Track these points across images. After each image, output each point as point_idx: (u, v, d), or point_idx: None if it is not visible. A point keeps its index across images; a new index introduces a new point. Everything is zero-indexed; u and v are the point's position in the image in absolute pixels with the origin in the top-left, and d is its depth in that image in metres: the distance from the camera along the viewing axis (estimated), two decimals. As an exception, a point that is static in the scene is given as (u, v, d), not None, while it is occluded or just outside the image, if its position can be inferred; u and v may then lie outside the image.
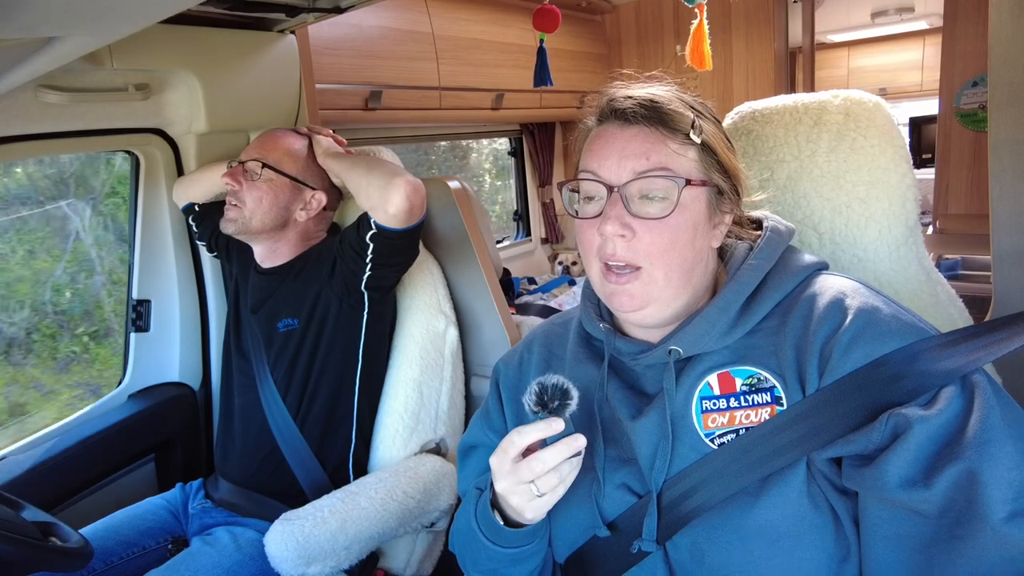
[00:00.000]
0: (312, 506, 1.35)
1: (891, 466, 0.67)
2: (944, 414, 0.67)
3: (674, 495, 0.78)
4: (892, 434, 0.68)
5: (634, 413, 0.84)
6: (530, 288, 3.29)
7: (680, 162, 0.78)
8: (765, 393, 0.77)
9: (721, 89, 3.33)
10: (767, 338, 0.79)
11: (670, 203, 0.77)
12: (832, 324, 0.74)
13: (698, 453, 0.78)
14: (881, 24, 4.56)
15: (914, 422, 0.67)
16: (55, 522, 1.12)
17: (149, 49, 1.47)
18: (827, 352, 0.73)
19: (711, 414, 0.78)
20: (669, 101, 0.79)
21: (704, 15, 1.44)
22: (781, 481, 0.73)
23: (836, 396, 0.72)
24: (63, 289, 2.08)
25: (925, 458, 0.66)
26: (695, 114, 0.80)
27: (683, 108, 0.79)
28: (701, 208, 0.79)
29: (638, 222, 0.77)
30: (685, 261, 0.79)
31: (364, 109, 2.27)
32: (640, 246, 0.77)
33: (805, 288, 0.80)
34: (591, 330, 0.92)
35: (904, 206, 0.96)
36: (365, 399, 1.57)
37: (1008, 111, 0.97)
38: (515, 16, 2.87)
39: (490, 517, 0.83)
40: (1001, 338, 0.71)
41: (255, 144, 1.54)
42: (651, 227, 0.77)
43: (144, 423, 1.70)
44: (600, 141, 0.81)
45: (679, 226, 0.77)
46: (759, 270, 0.81)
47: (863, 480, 0.69)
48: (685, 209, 0.77)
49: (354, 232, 1.46)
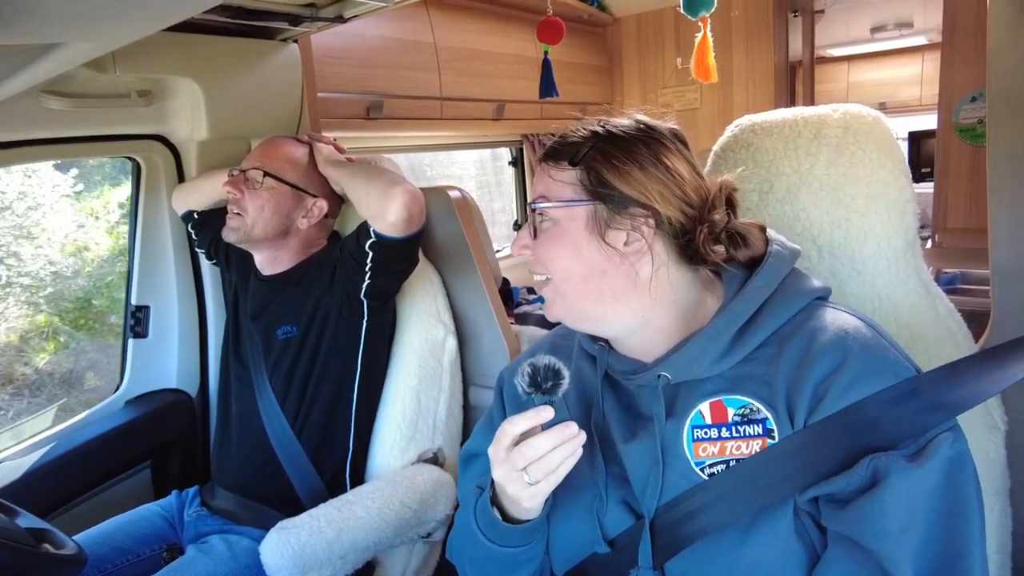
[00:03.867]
0: (308, 515, 1.34)
1: (863, 512, 0.68)
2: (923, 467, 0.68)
3: (668, 522, 0.78)
4: (871, 479, 0.69)
5: (627, 436, 0.84)
6: (529, 298, 3.28)
7: (554, 187, 0.85)
8: (757, 425, 0.76)
9: (721, 101, 3.35)
10: (761, 367, 0.78)
11: (550, 221, 0.85)
12: (830, 363, 0.73)
13: (689, 482, 0.78)
14: (880, 39, 4.59)
15: (892, 471, 0.68)
16: (49, 528, 1.11)
17: (152, 56, 1.48)
18: (821, 391, 0.73)
19: (702, 443, 0.78)
20: (573, 133, 0.87)
21: (708, 28, 1.45)
22: (771, 517, 0.73)
23: (822, 434, 0.72)
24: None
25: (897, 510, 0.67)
26: (602, 138, 0.84)
27: (583, 136, 0.85)
28: (578, 225, 0.83)
29: (533, 241, 0.87)
30: (573, 273, 0.83)
31: (365, 118, 2.28)
32: (535, 257, 0.87)
33: (806, 319, 0.79)
34: (586, 346, 0.93)
35: (903, 220, 0.96)
36: (363, 407, 1.56)
37: (1007, 126, 0.98)
38: (517, 27, 2.89)
39: (489, 513, 0.83)
40: (984, 379, 0.72)
41: (256, 152, 1.54)
42: (536, 244, 0.86)
43: (141, 429, 1.69)
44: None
45: (553, 242, 0.84)
46: (754, 299, 0.80)
47: (837, 520, 0.70)
48: (558, 226, 0.84)
49: (353, 240, 1.46)
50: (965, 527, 0.67)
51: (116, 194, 2.17)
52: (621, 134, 0.84)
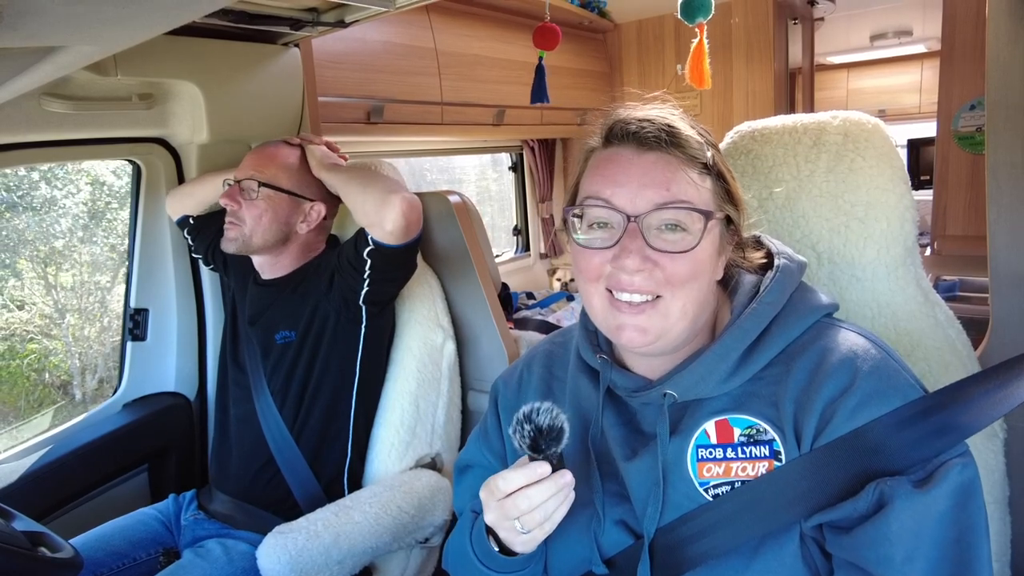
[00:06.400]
0: (306, 519, 1.34)
1: (867, 538, 0.66)
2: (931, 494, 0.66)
3: (668, 543, 0.76)
4: (877, 504, 0.67)
5: (628, 454, 0.81)
6: (528, 303, 3.29)
7: (699, 193, 0.74)
8: (763, 446, 0.74)
9: (721, 108, 3.36)
10: (769, 387, 0.75)
11: (693, 236, 0.73)
12: (838, 385, 0.71)
13: (692, 502, 0.76)
14: (880, 47, 4.61)
15: (898, 496, 0.65)
16: (45, 532, 1.10)
17: (154, 59, 1.48)
18: (828, 413, 0.70)
19: (707, 463, 0.75)
20: (684, 127, 0.76)
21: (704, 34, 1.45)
22: (776, 543, 0.71)
23: (829, 458, 0.70)
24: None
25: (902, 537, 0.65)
26: (707, 142, 0.77)
27: (697, 135, 0.76)
28: (715, 240, 0.76)
29: (659, 255, 0.73)
30: (701, 294, 0.76)
31: (366, 123, 2.28)
32: (662, 275, 0.73)
33: (815, 337, 0.76)
34: (588, 360, 0.88)
35: (902, 227, 0.96)
36: (361, 412, 1.56)
37: (1005, 134, 0.98)
38: (518, 33, 2.90)
39: (485, 543, 0.81)
40: (991, 399, 0.70)
41: (248, 161, 1.53)
42: (675, 259, 0.73)
43: (138, 433, 1.69)
44: (613, 166, 0.76)
45: (702, 259, 0.74)
46: (764, 316, 0.77)
47: (841, 546, 0.69)
48: (706, 241, 0.74)
49: (352, 248, 1.46)
50: (974, 557, 0.65)
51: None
52: (714, 139, 0.80)
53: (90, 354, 2.37)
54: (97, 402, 1.77)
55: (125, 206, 1.86)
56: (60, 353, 2.31)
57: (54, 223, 2.25)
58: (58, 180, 2.24)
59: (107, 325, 2.39)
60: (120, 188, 2.29)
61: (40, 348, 2.27)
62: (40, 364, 2.27)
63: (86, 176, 2.28)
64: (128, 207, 1.78)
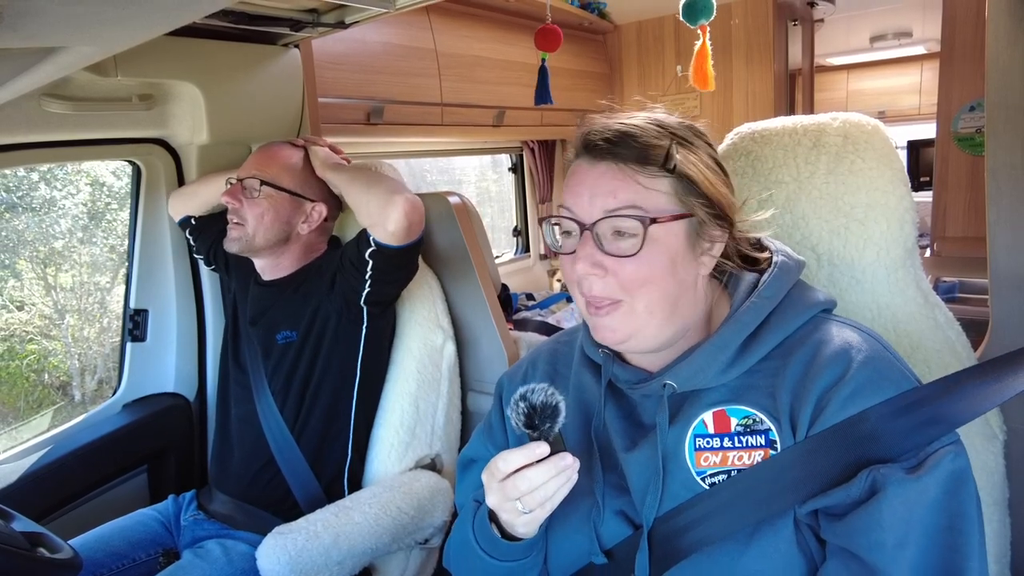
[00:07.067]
0: (305, 520, 1.34)
1: (859, 523, 0.67)
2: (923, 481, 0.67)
3: (666, 531, 0.77)
4: (870, 490, 0.68)
5: (628, 445, 0.83)
6: (528, 304, 3.29)
7: (650, 197, 0.75)
8: (760, 436, 0.76)
9: (721, 110, 3.36)
10: (766, 379, 0.77)
11: (639, 240, 0.75)
12: (833, 375, 0.72)
13: (690, 491, 0.78)
14: (880, 48, 4.62)
15: (890, 483, 0.67)
16: (44, 532, 1.10)
17: (154, 60, 1.48)
18: (823, 402, 0.72)
19: (704, 452, 0.77)
20: (643, 131, 0.76)
21: (707, 36, 1.46)
22: (772, 529, 0.73)
23: (822, 446, 0.71)
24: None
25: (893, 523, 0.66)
26: (676, 141, 0.77)
27: (659, 138, 0.76)
28: (678, 241, 0.77)
29: (610, 260, 0.76)
30: (667, 294, 0.77)
31: (366, 124, 2.28)
32: (616, 281, 0.77)
33: (811, 331, 0.78)
34: (590, 354, 0.91)
35: (902, 228, 0.96)
36: (362, 412, 1.56)
37: (1005, 135, 0.98)
38: (518, 34, 2.90)
39: (487, 529, 0.82)
40: (984, 391, 0.71)
41: (251, 161, 1.53)
42: (624, 263, 0.76)
43: (138, 433, 1.69)
44: (574, 177, 0.80)
45: (653, 261, 0.76)
46: (761, 310, 0.78)
47: (835, 533, 0.70)
48: (657, 244, 0.75)
49: (354, 249, 1.46)
50: (964, 543, 0.66)
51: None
52: (691, 135, 0.80)
53: (89, 355, 2.37)
54: (96, 403, 1.77)
55: (125, 207, 1.86)
56: (59, 354, 2.32)
57: (54, 224, 2.26)
58: (58, 181, 2.24)
59: (106, 326, 2.40)
60: (120, 189, 2.30)
61: (39, 349, 2.28)
62: (39, 365, 2.27)
63: (86, 177, 2.29)
64: (128, 208, 1.78)
